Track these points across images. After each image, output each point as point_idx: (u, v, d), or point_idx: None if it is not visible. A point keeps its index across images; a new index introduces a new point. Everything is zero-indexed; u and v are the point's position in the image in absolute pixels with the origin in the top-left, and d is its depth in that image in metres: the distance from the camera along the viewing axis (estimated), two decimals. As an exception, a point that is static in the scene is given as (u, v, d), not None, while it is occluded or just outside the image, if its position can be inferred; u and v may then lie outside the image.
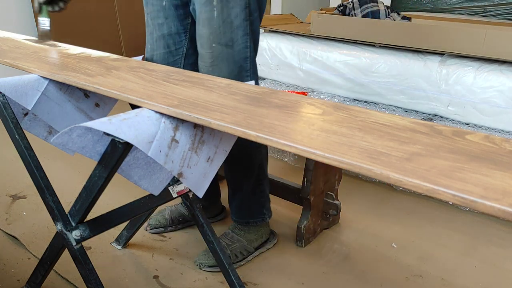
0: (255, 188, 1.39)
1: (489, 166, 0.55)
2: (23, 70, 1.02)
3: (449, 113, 1.90)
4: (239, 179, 1.38)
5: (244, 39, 1.18)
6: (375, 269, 1.40)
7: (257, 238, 1.44)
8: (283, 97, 0.84)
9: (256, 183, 1.39)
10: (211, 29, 1.15)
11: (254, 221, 1.43)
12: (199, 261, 1.36)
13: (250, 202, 1.41)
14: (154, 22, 1.29)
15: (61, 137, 0.80)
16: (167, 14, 1.27)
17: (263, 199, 1.43)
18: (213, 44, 1.16)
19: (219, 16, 1.14)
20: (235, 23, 1.16)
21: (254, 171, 1.37)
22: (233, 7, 1.14)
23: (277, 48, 2.35)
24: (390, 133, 0.66)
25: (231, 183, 1.41)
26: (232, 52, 1.18)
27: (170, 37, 1.29)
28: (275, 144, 0.64)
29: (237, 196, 1.41)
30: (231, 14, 1.15)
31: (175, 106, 0.77)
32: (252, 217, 1.42)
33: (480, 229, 1.64)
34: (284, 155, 2.14)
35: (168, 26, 1.28)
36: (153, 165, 1.00)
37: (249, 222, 1.43)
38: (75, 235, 0.93)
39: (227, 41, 1.16)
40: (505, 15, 3.25)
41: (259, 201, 1.42)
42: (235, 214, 1.44)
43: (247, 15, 1.17)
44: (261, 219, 1.44)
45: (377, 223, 1.66)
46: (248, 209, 1.42)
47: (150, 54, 1.33)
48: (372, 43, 2.10)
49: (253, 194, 1.40)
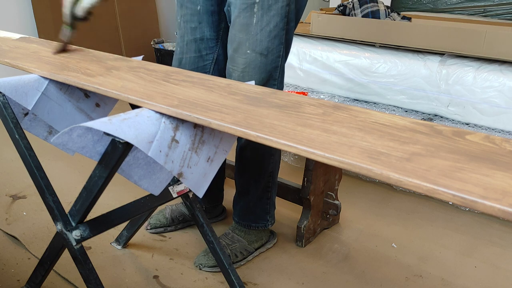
0: (262, 195, 1.39)
1: (489, 166, 0.55)
2: (23, 70, 1.02)
3: (449, 113, 1.90)
4: (247, 183, 1.37)
5: (278, 49, 1.17)
6: (375, 269, 1.40)
7: (258, 240, 1.44)
8: (283, 97, 0.84)
9: (264, 189, 1.38)
10: (248, 35, 1.13)
11: (256, 226, 1.43)
12: (198, 261, 1.36)
13: (255, 208, 1.41)
14: (186, 26, 1.27)
15: (61, 137, 0.80)
16: (201, 19, 1.25)
17: (269, 206, 1.42)
18: (248, 50, 1.15)
19: (258, 23, 1.12)
20: (273, 33, 1.14)
21: (264, 177, 1.36)
22: (274, 16, 1.12)
23: (277, 48, 2.35)
24: (390, 133, 0.66)
25: (238, 185, 1.41)
26: (265, 61, 1.16)
27: (202, 42, 1.28)
28: (275, 144, 0.64)
29: (243, 199, 1.41)
30: (270, 22, 1.13)
31: (175, 106, 0.77)
32: (255, 222, 1.42)
33: (480, 229, 1.64)
34: (284, 155, 2.14)
35: (201, 31, 1.27)
36: (153, 165, 1.00)
37: (251, 226, 1.43)
38: (75, 235, 0.93)
39: (263, 49, 1.15)
40: (505, 15, 3.25)
41: (265, 208, 1.42)
42: (238, 216, 1.44)
43: (285, 24, 1.15)
44: (264, 225, 1.44)
45: (377, 223, 1.66)
46: (252, 214, 1.42)
47: (179, 57, 1.32)
48: (372, 43, 2.10)
49: (260, 200, 1.39)
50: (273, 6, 1.12)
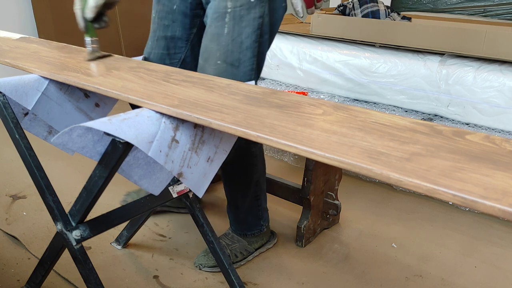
0: (251, 204, 1.39)
1: (489, 166, 0.55)
2: (23, 70, 1.02)
3: (449, 113, 1.90)
4: (235, 197, 1.38)
5: (251, 61, 1.14)
6: (375, 269, 1.40)
7: (258, 240, 1.44)
8: (283, 97, 0.84)
9: (253, 199, 1.39)
10: (219, 45, 1.11)
11: (251, 233, 1.43)
12: (198, 262, 1.36)
13: (247, 217, 1.41)
14: (160, 22, 1.27)
15: (61, 137, 0.80)
16: (175, 18, 1.25)
17: (260, 212, 1.43)
18: (218, 61, 1.12)
19: (229, 33, 1.10)
20: (245, 44, 1.11)
21: (250, 188, 1.36)
22: (245, 27, 1.09)
23: (277, 48, 2.35)
24: (390, 133, 0.66)
25: (228, 197, 1.41)
26: (237, 73, 1.13)
27: (172, 41, 1.28)
28: (275, 144, 0.64)
29: (233, 211, 1.42)
30: (242, 33, 1.10)
31: (175, 106, 0.77)
32: (249, 230, 1.43)
33: (480, 229, 1.64)
34: (284, 155, 2.14)
35: (173, 30, 1.27)
36: (153, 165, 1.00)
37: (246, 235, 1.43)
38: (75, 235, 0.93)
39: (234, 61, 1.12)
40: (505, 15, 3.25)
41: (256, 215, 1.42)
42: (233, 226, 1.45)
43: (258, 36, 1.12)
44: (259, 231, 1.44)
45: (377, 223, 1.66)
46: (245, 224, 1.43)
47: (149, 51, 1.33)
48: (372, 43, 2.10)
49: (250, 209, 1.40)
50: (245, 17, 1.09)
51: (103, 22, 1.09)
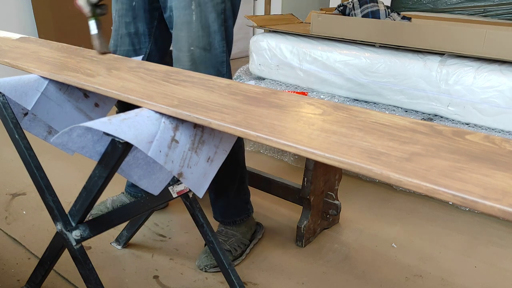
0: (239, 188, 1.42)
1: (489, 166, 0.55)
2: (23, 70, 1.02)
3: (449, 113, 1.90)
4: (224, 182, 1.39)
5: (221, 44, 1.21)
6: (375, 269, 1.40)
7: (248, 230, 1.47)
8: (283, 97, 0.84)
9: (240, 182, 1.41)
10: (190, 32, 1.17)
11: (240, 219, 1.46)
12: (203, 264, 1.36)
13: (235, 202, 1.44)
14: (121, 20, 1.33)
15: (61, 137, 0.80)
16: (136, 14, 1.31)
17: (247, 195, 1.46)
18: (191, 47, 1.18)
19: (197, 20, 1.16)
20: (212, 28, 1.18)
21: (238, 172, 1.39)
22: (211, 12, 1.16)
23: (277, 48, 2.35)
24: (390, 133, 0.66)
25: (215, 184, 1.41)
26: (210, 56, 1.19)
27: (136, 36, 1.34)
28: (275, 144, 0.64)
29: (222, 198, 1.42)
30: (208, 19, 1.17)
31: (175, 106, 0.77)
32: (238, 215, 1.45)
33: (480, 229, 1.64)
34: (284, 155, 2.14)
35: (135, 26, 1.32)
36: (153, 165, 1.00)
37: (235, 221, 1.45)
38: (75, 235, 0.93)
39: (205, 45, 1.18)
40: (505, 15, 3.25)
41: (244, 199, 1.46)
42: (220, 215, 1.46)
43: (223, 20, 1.19)
44: (246, 215, 1.47)
45: (377, 223, 1.66)
46: (233, 209, 1.45)
47: (113, 49, 1.37)
48: (372, 43, 2.10)
49: (238, 194, 1.43)
50: (208, 3, 1.16)
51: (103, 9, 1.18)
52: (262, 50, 2.41)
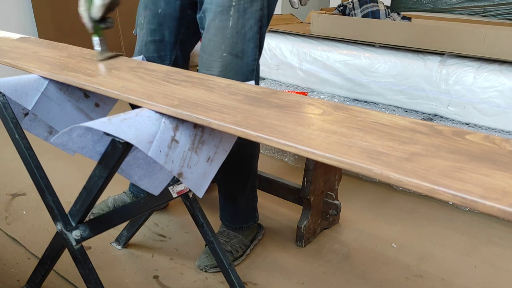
0: (249, 195, 1.41)
1: (489, 166, 0.55)
2: (23, 70, 1.02)
3: (449, 113, 1.90)
4: (234, 190, 1.38)
5: (253, 52, 1.18)
6: (375, 269, 1.40)
7: (250, 233, 1.47)
8: (283, 97, 0.84)
9: (250, 190, 1.40)
10: (224, 38, 1.14)
11: (247, 225, 1.45)
12: (203, 264, 1.36)
13: (245, 209, 1.43)
14: (147, 27, 1.30)
15: (61, 137, 0.80)
16: (162, 21, 1.27)
17: (255, 203, 1.45)
18: (224, 53, 1.15)
19: (234, 26, 1.13)
20: (248, 35, 1.15)
21: (249, 180, 1.37)
22: (249, 19, 1.14)
23: (277, 48, 2.35)
24: (390, 133, 0.66)
25: (225, 190, 1.41)
26: (241, 63, 1.17)
27: (161, 44, 1.30)
28: (275, 144, 0.64)
29: (232, 205, 1.42)
30: (245, 25, 1.14)
31: (175, 106, 0.77)
32: (246, 223, 1.44)
33: (480, 229, 1.64)
34: (284, 155, 2.14)
35: (161, 33, 1.29)
36: (153, 165, 1.00)
37: (242, 228, 1.44)
38: (75, 235, 0.93)
39: (238, 52, 1.15)
40: (505, 15, 3.25)
41: (253, 207, 1.44)
42: (228, 220, 1.45)
43: (259, 28, 1.17)
44: (253, 222, 1.46)
45: (377, 223, 1.66)
46: (241, 217, 1.44)
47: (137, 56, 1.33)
48: (372, 43, 2.10)
49: (248, 202, 1.42)
50: (248, 9, 1.13)
51: (108, 23, 1.11)
52: (262, 50, 2.41)
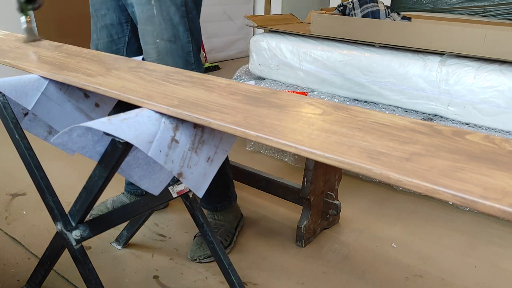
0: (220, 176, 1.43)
1: (489, 166, 0.55)
2: (23, 70, 1.02)
3: (449, 113, 1.90)
4: None
5: (185, 35, 1.25)
6: (375, 269, 1.40)
7: (234, 219, 1.52)
8: (283, 97, 0.84)
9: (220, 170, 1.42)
10: (154, 26, 1.22)
11: (221, 205, 1.49)
12: (196, 255, 1.38)
13: (217, 189, 1.45)
14: (97, 13, 1.36)
15: (61, 137, 0.80)
16: (109, 5, 1.34)
17: (228, 182, 1.49)
18: (157, 40, 1.22)
19: (159, 13, 1.21)
20: (175, 20, 1.22)
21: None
22: (170, 6, 1.21)
23: (277, 48, 2.35)
24: (390, 133, 0.66)
25: None
26: (175, 47, 1.24)
27: (113, 27, 1.37)
28: (275, 144, 0.64)
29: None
30: (170, 11, 1.22)
31: (175, 106, 0.77)
32: (219, 202, 1.49)
33: (480, 229, 1.64)
34: (284, 155, 2.14)
35: (111, 17, 1.36)
36: (153, 165, 0.99)
37: (217, 208, 1.49)
38: (75, 235, 0.93)
39: (170, 36, 1.23)
40: (505, 15, 3.25)
41: (224, 185, 1.48)
42: (203, 201, 1.49)
43: (184, 12, 1.24)
44: (228, 202, 1.50)
45: (377, 223, 1.66)
46: (215, 196, 1.48)
47: (95, 43, 1.40)
48: (372, 43, 2.10)
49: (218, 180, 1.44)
50: None
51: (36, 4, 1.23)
52: (262, 50, 2.41)
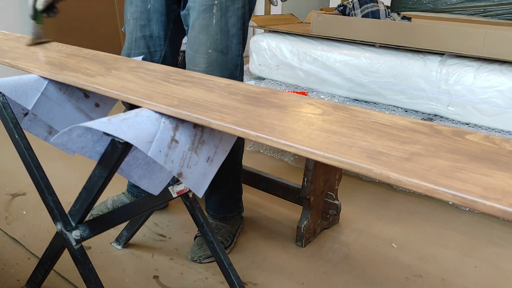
0: (234, 186, 1.45)
1: (489, 166, 0.55)
2: (23, 70, 1.02)
3: (449, 113, 1.90)
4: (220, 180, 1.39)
5: (237, 47, 1.23)
6: (375, 269, 1.40)
7: (236, 223, 1.51)
8: (283, 97, 0.84)
9: (234, 180, 1.43)
10: (209, 35, 1.19)
11: (231, 216, 1.49)
12: (196, 255, 1.38)
13: (229, 200, 1.46)
14: (136, 23, 1.32)
15: (61, 137, 0.80)
16: (151, 17, 1.30)
17: (240, 194, 1.49)
18: (209, 50, 1.20)
19: (217, 23, 1.18)
20: (231, 32, 1.20)
21: (235, 171, 1.41)
22: (231, 17, 1.19)
23: (277, 48, 2.35)
24: (390, 133, 0.66)
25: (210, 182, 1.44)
26: (226, 59, 1.22)
27: (151, 39, 1.33)
28: (275, 144, 0.64)
29: (216, 196, 1.45)
30: (228, 22, 1.19)
31: (175, 106, 0.77)
32: (230, 212, 1.48)
33: (480, 229, 1.64)
34: (284, 155, 2.14)
35: (150, 29, 1.32)
36: (153, 165, 0.99)
37: (226, 218, 1.48)
38: (75, 235, 0.93)
39: (223, 48, 1.21)
40: (505, 15, 3.25)
41: (237, 197, 1.48)
42: (213, 210, 1.49)
43: (241, 24, 1.22)
44: (237, 213, 1.50)
45: (377, 223, 1.66)
46: (226, 207, 1.47)
47: (127, 52, 1.36)
48: (372, 43, 2.10)
49: (232, 192, 1.46)
50: (230, 7, 1.19)
51: (52, 13, 1.19)
52: (262, 50, 2.41)
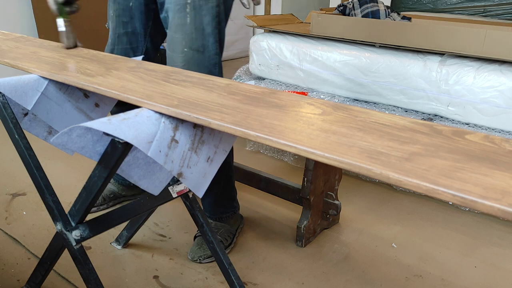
0: (226, 185, 1.45)
1: (489, 166, 0.55)
2: (23, 70, 1.02)
3: (449, 113, 1.90)
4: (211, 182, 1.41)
5: (214, 46, 1.24)
6: (375, 269, 1.40)
7: (235, 222, 1.52)
8: (283, 97, 0.84)
9: (226, 179, 1.43)
10: (184, 34, 1.21)
11: (226, 215, 1.49)
12: (196, 255, 1.38)
13: (222, 200, 1.47)
14: (118, 20, 1.37)
15: (61, 137, 0.80)
16: (133, 14, 1.35)
17: (233, 193, 1.50)
18: (185, 48, 1.22)
19: (192, 22, 1.20)
20: (207, 30, 1.21)
21: (224, 170, 1.41)
22: (205, 15, 1.20)
23: (277, 48, 2.35)
24: (390, 133, 0.66)
25: None
26: (203, 58, 1.23)
27: (134, 35, 1.38)
28: (275, 144, 0.64)
29: (209, 197, 1.45)
30: (203, 21, 1.20)
31: (174, 106, 0.77)
32: (225, 212, 1.49)
33: (480, 229, 1.64)
34: (284, 155, 2.14)
35: (132, 26, 1.37)
36: (153, 165, 0.99)
37: (222, 218, 1.48)
38: (75, 235, 0.93)
39: (199, 46, 1.22)
40: (505, 15, 3.25)
41: (230, 196, 1.49)
42: (208, 211, 1.49)
43: (217, 23, 1.23)
44: (233, 212, 1.51)
45: (377, 223, 1.66)
46: (220, 206, 1.48)
47: (111, 48, 1.41)
48: (372, 43, 2.10)
49: (225, 191, 1.46)
50: (204, 6, 1.20)
51: (74, 7, 1.20)
52: (262, 50, 2.41)
